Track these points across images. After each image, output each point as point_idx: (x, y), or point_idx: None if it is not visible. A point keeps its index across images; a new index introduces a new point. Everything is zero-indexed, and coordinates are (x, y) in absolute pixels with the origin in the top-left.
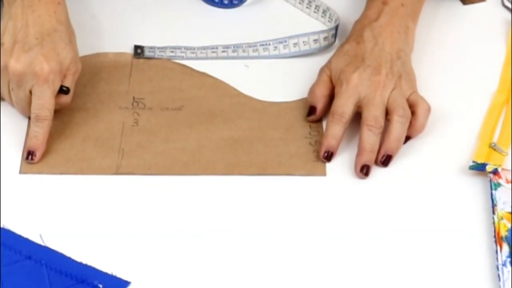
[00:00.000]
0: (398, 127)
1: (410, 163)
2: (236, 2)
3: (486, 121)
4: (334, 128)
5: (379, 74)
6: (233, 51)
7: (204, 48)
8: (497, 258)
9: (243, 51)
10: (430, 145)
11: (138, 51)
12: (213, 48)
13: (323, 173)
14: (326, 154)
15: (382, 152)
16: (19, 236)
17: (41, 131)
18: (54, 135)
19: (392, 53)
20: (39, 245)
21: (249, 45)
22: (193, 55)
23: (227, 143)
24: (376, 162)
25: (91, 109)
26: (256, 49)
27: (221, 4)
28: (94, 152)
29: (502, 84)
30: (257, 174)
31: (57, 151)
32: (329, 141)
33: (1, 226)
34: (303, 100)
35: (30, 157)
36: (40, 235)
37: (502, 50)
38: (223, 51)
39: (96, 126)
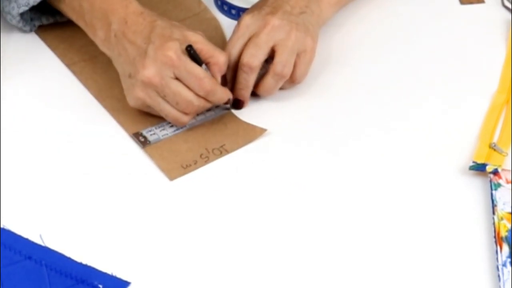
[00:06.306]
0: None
1: (410, 163)
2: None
3: (486, 121)
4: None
5: (274, 15)
6: None
7: None
8: (497, 258)
9: None
10: (430, 145)
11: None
12: None
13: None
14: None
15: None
16: (19, 236)
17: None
18: None
19: (295, 6)
20: (39, 245)
21: None
22: None
23: None
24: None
25: None
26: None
27: (236, 16)
28: None
29: (502, 84)
30: None
31: None
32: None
33: (1, 226)
34: None
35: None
36: (40, 235)
37: (502, 50)
38: None
39: None
